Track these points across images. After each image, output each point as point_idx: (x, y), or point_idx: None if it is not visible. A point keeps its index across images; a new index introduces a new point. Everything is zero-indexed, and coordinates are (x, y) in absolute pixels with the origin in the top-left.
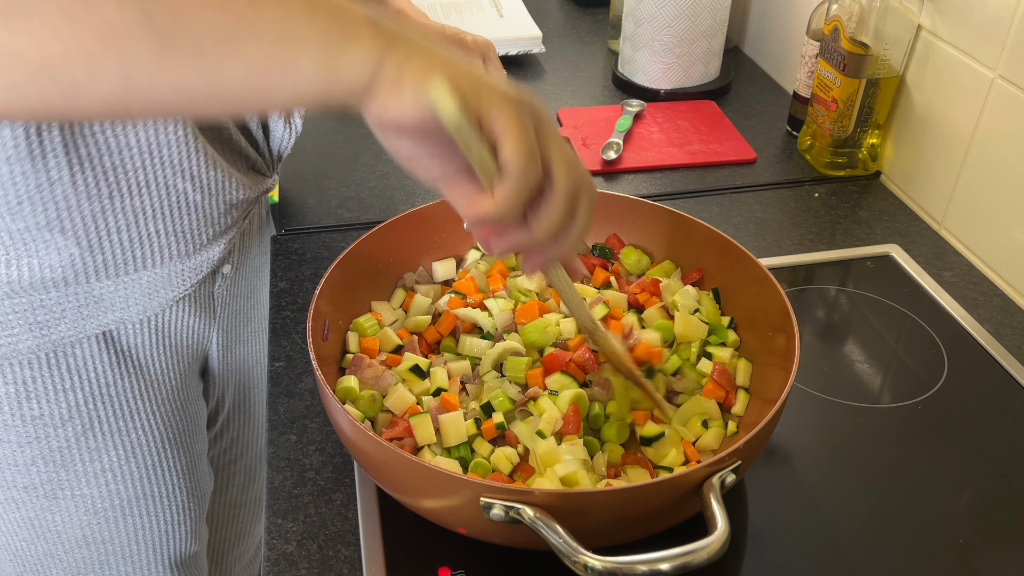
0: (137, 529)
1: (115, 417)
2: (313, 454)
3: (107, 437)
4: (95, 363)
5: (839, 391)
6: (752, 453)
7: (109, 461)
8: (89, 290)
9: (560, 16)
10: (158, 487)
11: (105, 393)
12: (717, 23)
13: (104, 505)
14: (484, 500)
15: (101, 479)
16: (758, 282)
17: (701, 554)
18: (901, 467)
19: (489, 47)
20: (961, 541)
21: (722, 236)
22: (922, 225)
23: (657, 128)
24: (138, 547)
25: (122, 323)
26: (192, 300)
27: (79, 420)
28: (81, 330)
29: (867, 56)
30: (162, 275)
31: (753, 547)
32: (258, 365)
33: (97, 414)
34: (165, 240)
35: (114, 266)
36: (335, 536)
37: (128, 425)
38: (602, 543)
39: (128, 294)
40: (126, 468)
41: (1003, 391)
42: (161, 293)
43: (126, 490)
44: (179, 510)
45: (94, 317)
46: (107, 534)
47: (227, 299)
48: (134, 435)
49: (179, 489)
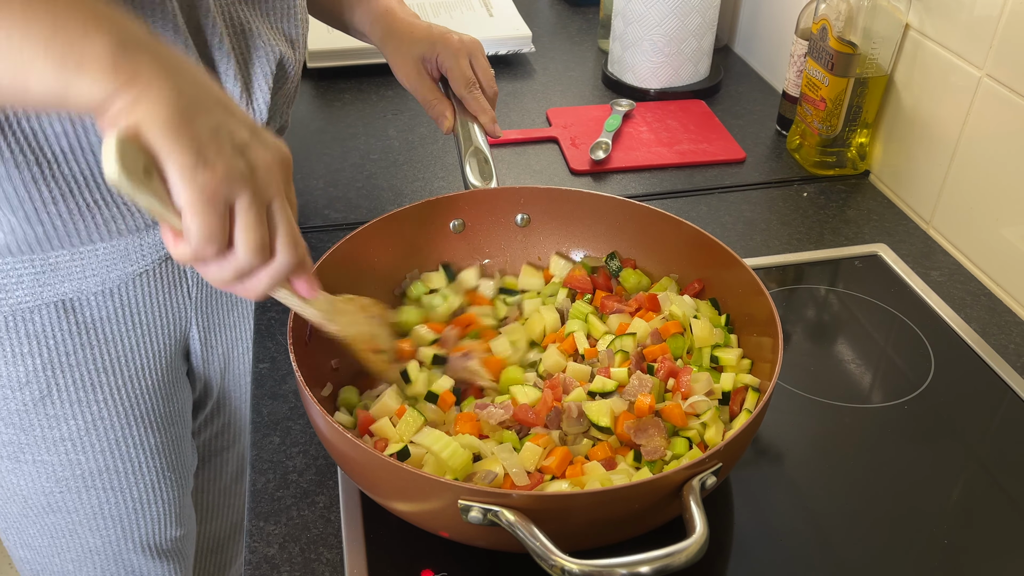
0: (103, 503)
1: (75, 387)
2: (296, 456)
3: (66, 405)
4: (54, 330)
5: (826, 391)
6: (733, 455)
7: (68, 430)
8: (45, 258)
9: (550, 15)
10: (123, 462)
11: (66, 362)
12: (706, 22)
13: (66, 474)
14: (462, 503)
15: (61, 447)
16: (743, 283)
17: (680, 557)
18: (888, 467)
19: (477, 46)
20: (946, 541)
21: (707, 236)
22: (910, 224)
23: (646, 128)
24: (104, 521)
25: (81, 293)
26: (158, 275)
27: (36, 385)
28: (39, 296)
29: (855, 55)
30: (118, 247)
31: (739, 548)
32: (247, 353)
33: (56, 381)
34: (108, 212)
35: (57, 238)
36: (317, 539)
37: (89, 396)
38: (583, 545)
39: (85, 264)
40: (87, 439)
41: (990, 390)
42: (119, 265)
43: (87, 461)
44: (149, 488)
45: (51, 285)
46: (72, 503)
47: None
48: (95, 407)
49: (148, 467)
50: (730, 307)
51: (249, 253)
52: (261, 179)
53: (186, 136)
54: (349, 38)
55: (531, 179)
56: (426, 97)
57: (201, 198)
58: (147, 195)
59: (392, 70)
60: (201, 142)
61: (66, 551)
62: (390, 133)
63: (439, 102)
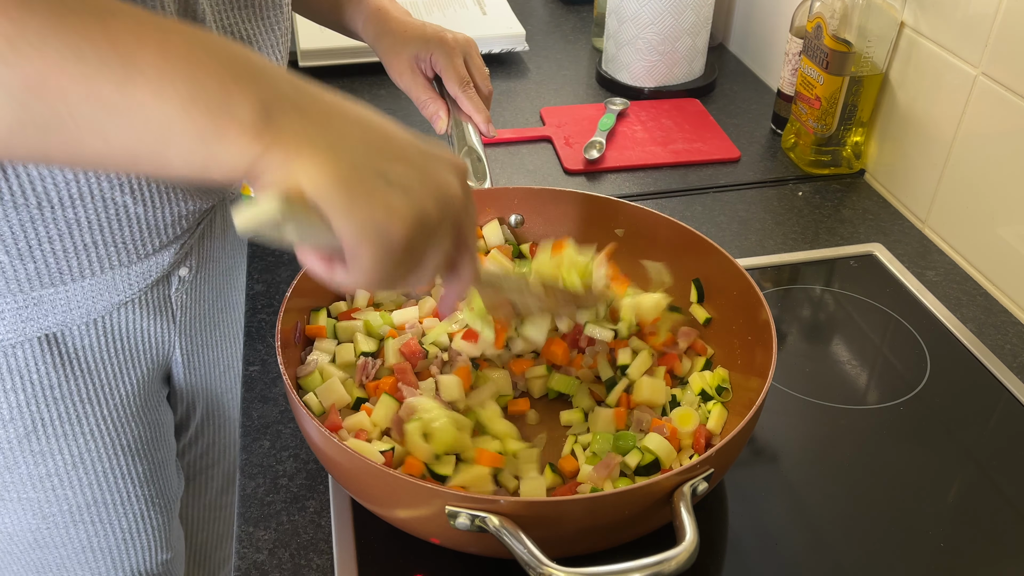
0: (91, 536)
1: (60, 420)
2: (287, 460)
3: (52, 440)
4: (37, 364)
5: (822, 393)
6: (726, 461)
7: (55, 466)
8: (29, 293)
9: (544, 14)
10: (111, 494)
11: (49, 395)
12: (701, 20)
13: (52, 510)
14: (450, 509)
15: (47, 483)
16: (737, 284)
17: (670, 564)
18: (884, 468)
19: (471, 45)
20: (943, 543)
21: (701, 237)
22: (906, 224)
23: (641, 127)
24: (94, 554)
25: (65, 325)
26: (144, 303)
27: (21, 421)
28: (21, 332)
29: (850, 54)
30: (104, 281)
31: (733, 551)
32: (231, 371)
33: (40, 416)
34: (104, 251)
35: (48, 275)
36: (307, 544)
37: (75, 429)
38: (574, 551)
39: (70, 298)
40: (73, 474)
41: (986, 391)
42: (105, 296)
43: (75, 496)
44: (137, 518)
45: (35, 320)
46: (59, 539)
47: (188, 303)
48: (81, 440)
49: (136, 497)
50: (719, 309)
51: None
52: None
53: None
54: (341, 37)
55: (525, 179)
56: (420, 97)
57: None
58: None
59: (386, 69)
60: (378, 213)
61: None
62: None
63: (433, 102)
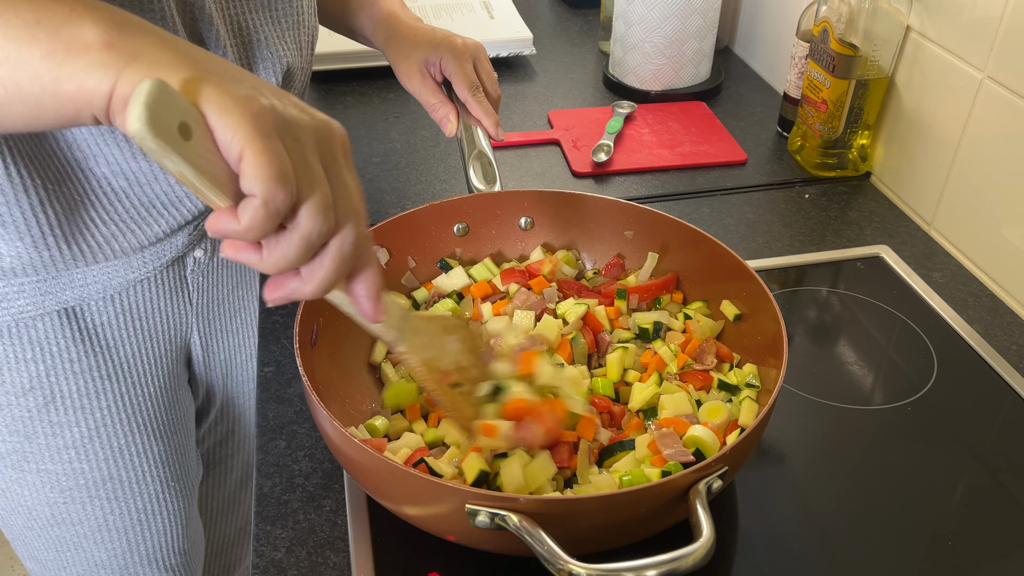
0: (107, 513)
1: (78, 394)
2: (302, 460)
3: (69, 413)
4: (56, 337)
5: (829, 393)
6: (739, 459)
7: (72, 438)
8: (44, 273)
9: (551, 18)
10: (126, 471)
11: (68, 369)
12: (707, 24)
13: (69, 484)
14: (469, 507)
15: (64, 455)
16: (747, 286)
17: (687, 561)
18: (891, 468)
19: (480, 50)
20: (950, 543)
21: (710, 239)
22: (912, 226)
23: (648, 130)
24: (109, 533)
25: (83, 300)
26: (160, 282)
27: (40, 392)
28: (40, 306)
29: (856, 57)
30: (119, 263)
31: (743, 549)
32: (248, 362)
33: (59, 388)
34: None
35: (63, 261)
36: (324, 542)
37: (92, 403)
38: (589, 549)
39: (87, 273)
40: (90, 447)
41: (992, 392)
42: (121, 274)
43: (91, 470)
44: (153, 499)
45: (53, 294)
46: (76, 515)
47: (204, 285)
48: (98, 414)
49: (152, 477)
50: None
51: (315, 213)
52: (319, 132)
53: (228, 87)
54: (350, 41)
55: (533, 181)
56: (429, 100)
57: (260, 131)
58: (177, 158)
59: (395, 73)
60: (244, 91)
61: (72, 565)
62: (392, 136)
63: (443, 105)
